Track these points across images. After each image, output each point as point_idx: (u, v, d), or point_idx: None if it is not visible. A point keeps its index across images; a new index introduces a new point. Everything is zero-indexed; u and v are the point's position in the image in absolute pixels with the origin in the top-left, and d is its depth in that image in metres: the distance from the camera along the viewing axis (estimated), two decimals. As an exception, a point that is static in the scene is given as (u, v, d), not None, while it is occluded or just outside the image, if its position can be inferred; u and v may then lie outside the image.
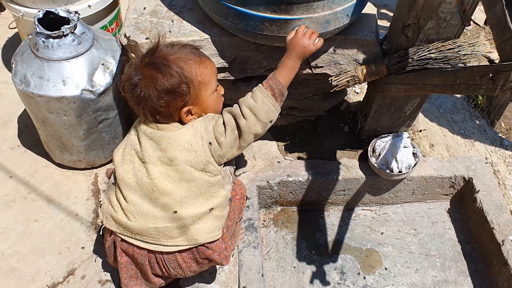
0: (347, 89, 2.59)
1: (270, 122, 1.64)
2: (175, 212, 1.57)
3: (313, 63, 1.98)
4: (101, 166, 2.33)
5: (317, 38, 1.72)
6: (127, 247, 1.65)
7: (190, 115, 1.61)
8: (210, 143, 1.58)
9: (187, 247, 1.62)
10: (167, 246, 1.61)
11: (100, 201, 2.20)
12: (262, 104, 1.60)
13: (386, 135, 2.34)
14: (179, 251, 1.63)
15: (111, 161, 2.31)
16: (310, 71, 2.00)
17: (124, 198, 1.62)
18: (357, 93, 2.64)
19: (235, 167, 2.00)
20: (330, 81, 1.98)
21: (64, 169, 2.32)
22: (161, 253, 1.63)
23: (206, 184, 1.60)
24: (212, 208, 1.62)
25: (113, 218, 1.64)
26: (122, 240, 1.65)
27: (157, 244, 1.61)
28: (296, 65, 1.70)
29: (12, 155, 2.36)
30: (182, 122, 1.62)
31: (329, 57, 1.98)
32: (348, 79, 1.97)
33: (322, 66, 2.00)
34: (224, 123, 1.62)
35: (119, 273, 1.73)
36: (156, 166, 1.58)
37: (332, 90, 1.99)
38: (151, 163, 1.58)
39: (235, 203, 1.82)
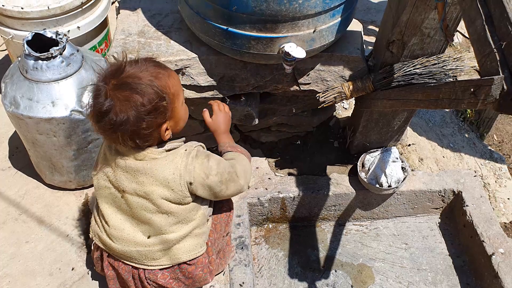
0: (336, 104, 2.61)
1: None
2: (156, 236, 1.57)
3: (300, 80, 2.00)
4: (91, 186, 2.33)
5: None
6: (112, 261, 1.66)
7: (166, 130, 1.50)
8: (190, 183, 1.51)
9: (170, 265, 1.62)
10: (151, 265, 1.61)
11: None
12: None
13: (375, 150, 2.35)
14: (161, 269, 1.63)
15: (101, 181, 2.32)
16: (297, 88, 2.03)
17: (106, 222, 1.60)
18: (346, 108, 2.66)
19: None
20: (317, 98, 2.00)
21: (55, 189, 2.32)
22: (144, 270, 1.63)
23: (184, 211, 1.56)
24: (193, 229, 1.62)
25: (99, 237, 1.65)
26: (109, 255, 1.66)
27: (140, 264, 1.62)
28: (230, 136, 1.73)
29: (3, 177, 2.36)
30: (159, 143, 1.52)
31: (316, 74, 2.00)
32: (335, 95, 1.99)
33: (309, 83, 2.02)
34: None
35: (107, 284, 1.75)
36: (133, 196, 1.52)
37: (320, 106, 2.01)
38: (128, 193, 1.53)
39: (222, 215, 1.79)
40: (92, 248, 1.77)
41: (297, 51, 1.70)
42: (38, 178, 2.34)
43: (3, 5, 2.17)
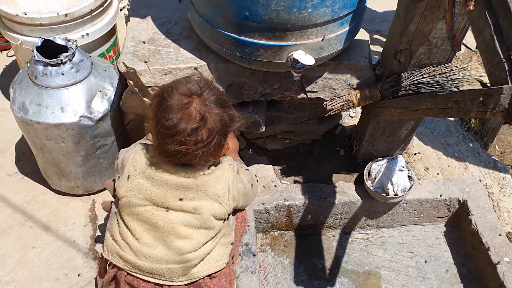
0: (342, 113, 2.62)
1: None
2: (192, 252, 1.56)
3: (307, 88, 2.01)
4: (98, 192, 2.34)
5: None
6: (132, 280, 1.61)
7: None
8: (234, 195, 1.59)
9: (197, 279, 1.60)
10: (179, 281, 1.59)
11: (102, 235, 2.21)
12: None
13: (381, 158, 2.36)
14: (186, 284, 1.60)
15: (108, 187, 2.33)
16: (304, 95, 2.04)
17: (136, 240, 1.56)
18: (352, 117, 2.67)
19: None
20: (324, 106, 2.01)
21: (62, 195, 2.33)
22: (169, 286, 1.60)
23: (222, 226, 1.62)
24: (220, 238, 1.63)
25: (120, 256, 1.59)
26: (128, 274, 1.61)
27: (168, 281, 1.58)
28: (237, 155, 1.85)
29: (10, 182, 2.37)
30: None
31: (323, 82, 2.01)
32: (343, 103, 2.00)
33: (317, 91, 2.03)
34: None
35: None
36: (176, 212, 1.53)
37: (327, 114, 2.02)
38: (171, 209, 1.53)
39: (237, 226, 1.81)
40: (106, 267, 1.67)
41: (306, 59, 1.71)
42: (45, 183, 2.35)
43: (12, 11, 2.18)
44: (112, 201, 1.82)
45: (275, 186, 2.36)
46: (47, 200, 2.31)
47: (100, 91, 2.05)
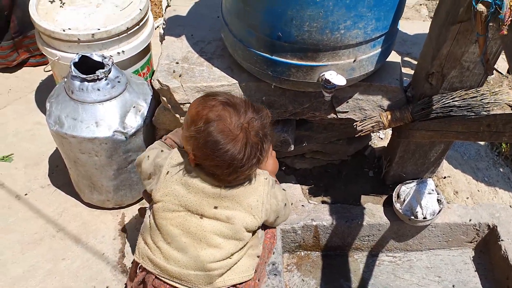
0: (372, 134, 2.62)
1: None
2: (220, 261, 1.58)
3: (338, 108, 2.02)
4: (128, 206, 2.37)
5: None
6: (159, 284, 1.62)
7: None
8: (267, 209, 1.61)
9: None
10: None
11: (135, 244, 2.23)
12: None
13: (410, 181, 2.35)
14: None
15: (138, 201, 2.36)
16: (335, 116, 2.05)
17: (168, 244, 1.58)
18: (381, 138, 2.67)
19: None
20: (355, 126, 2.02)
21: (92, 208, 2.37)
22: None
23: (252, 238, 1.64)
24: (248, 249, 1.64)
25: (150, 259, 1.62)
26: (156, 278, 1.63)
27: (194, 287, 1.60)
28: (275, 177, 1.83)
29: (42, 194, 2.42)
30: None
31: (354, 103, 2.02)
32: (373, 124, 2.00)
33: (347, 112, 2.04)
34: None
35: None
36: (210, 220, 1.56)
37: (357, 135, 2.02)
38: (207, 217, 1.56)
39: (266, 241, 1.81)
40: (136, 271, 1.71)
41: (338, 79, 1.73)
42: (76, 196, 2.40)
43: (51, 28, 2.25)
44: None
45: (302, 205, 2.36)
46: (78, 212, 2.36)
47: (134, 107, 2.09)
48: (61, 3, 2.42)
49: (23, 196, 2.40)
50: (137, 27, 2.41)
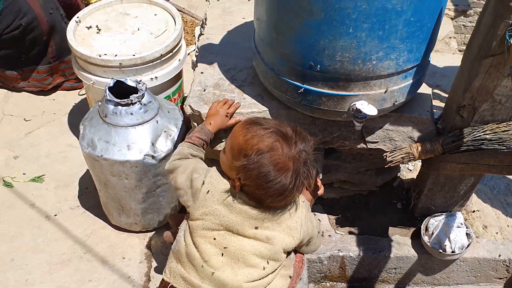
0: (400, 165, 2.60)
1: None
2: (255, 281, 1.58)
3: (368, 138, 2.02)
4: (155, 230, 2.39)
5: None
6: None
7: None
8: (304, 231, 1.63)
9: None
10: None
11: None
12: None
13: (439, 213, 2.32)
14: None
15: (165, 225, 2.37)
16: (364, 145, 2.04)
17: (205, 261, 1.58)
18: (410, 170, 2.65)
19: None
20: (384, 157, 2.01)
21: (120, 231, 2.39)
22: None
23: (286, 259, 1.65)
24: (280, 269, 1.65)
25: (183, 278, 1.61)
26: None
27: None
28: None
29: (72, 215, 2.45)
30: None
31: (384, 133, 2.02)
32: (403, 155, 1.99)
33: (377, 142, 2.04)
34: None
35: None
36: (249, 240, 1.57)
37: (387, 166, 2.01)
38: (247, 237, 1.57)
39: (295, 265, 1.80)
40: None
41: (369, 109, 1.73)
42: (104, 218, 2.43)
43: (87, 53, 2.31)
44: (172, 232, 1.88)
45: (329, 236, 2.34)
46: (105, 234, 2.38)
47: (164, 132, 2.13)
48: (97, 29, 2.49)
49: (53, 217, 2.44)
50: (170, 54, 2.46)
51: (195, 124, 2.05)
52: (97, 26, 2.51)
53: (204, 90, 2.07)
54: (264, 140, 1.49)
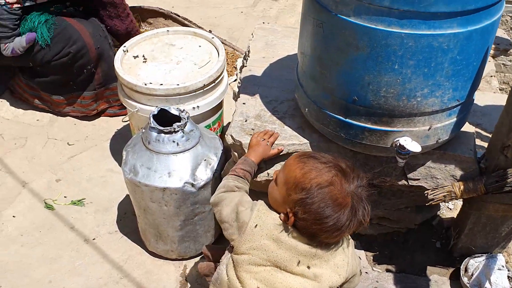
0: (441, 203, 2.56)
1: None
2: None
3: (409, 175, 2.01)
4: (190, 258, 2.39)
5: None
6: None
7: None
8: (351, 269, 1.61)
9: None
10: None
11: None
12: None
13: (479, 255, 2.27)
14: None
15: (200, 254, 2.38)
16: (406, 182, 2.03)
17: None
18: (450, 209, 2.61)
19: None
20: (426, 195, 1.99)
21: (156, 257, 2.40)
22: None
23: None
24: None
25: None
26: None
27: None
28: None
29: (110, 240, 2.48)
30: None
31: (426, 171, 2.00)
32: (445, 194, 1.97)
33: (419, 179, 2.02)
34: None
35: None
36: (296, 276, 1.55)
37: (428, 204, 1.99)
38: (292, 273, 1.55)
39: None
40: None
41: (412, 145, 1.73)
42: (141, 244, 2.44)
43: (134, 81, 2.37)
44: (207, 263, 1.88)
45: (366, 273, 2.31)
46: (142, 260, 2.40)
47: (204, 160, 2.15)
48: (144, 59, 2.56)
49: (91, 240, 2.47)
50: (213, 84, 2.50)
51: (236, 154, 2.07)
52: (143, 56, 2.57)
53: (246, 121, 2.09)
54: (323, 174, 1.48)
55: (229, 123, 2.15)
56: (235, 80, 3.48)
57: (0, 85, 3.37)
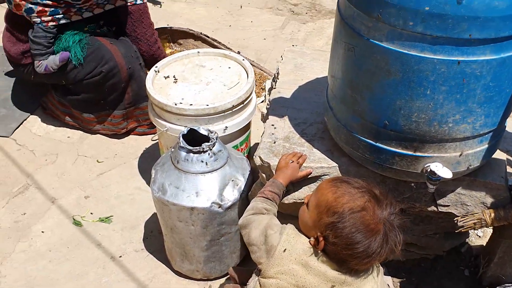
0: (469, 231, 2.53)
1: None
2: None
3: (439, 201, 1.99)
4: (215, 279, 2.39)
5: None
6: None
7: None
8: None
9: None
10: None
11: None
12: None
13: (510, 284, 2.22)
14: None
15: (225, 274, 2.38)
16: (435, 208, 2.01)
17: None
18: (480, 236, 2.56)
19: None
20: (455, 221, 1.96)
21: (181, 277, 2.40)
22: None
23: None
24: None
25: None
26: None
27: None
28: None
29: (136, 258, 2.49)
30: None
31: (456, 197, 1.98)
32: (475, 221, 1.94)
33: (448, 205, 2.00)
34: None
35: None
36: None
37: (457, 231, 1.96)
38: None
39: None
40: None
41: (443, 171, 1.71)
42: (167, 263, 2.45)
43: (164, 101, 2.40)
44: (233, 285, 1.88)
45: (392, 298, 2.28)
46: (167, 280, 2.40)
47: (232, 181, 2.16)
48: (174, 79, 2.59)
49: (117, 258, 2.49)
50: (242, 105, 2.52)
51: (263, 175, 2.07)
52: (174, 76, 2.61)
53: (274, 142, 2.10)
54: (356, 199, 1.47)
55: (256, 144, 2.16)
56: (263, 101, 3.51)
57: (32, 101, 3.45)
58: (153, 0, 4.75)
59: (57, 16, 2.86)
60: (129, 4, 3.04)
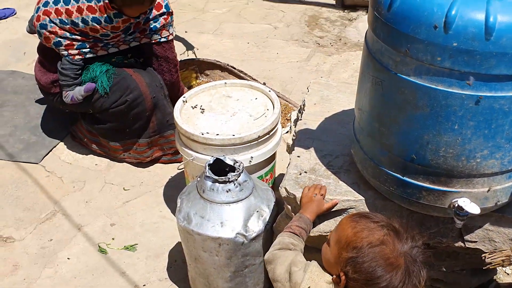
0: (497, 268, 2.48)
1: None
2: None
3: (466, 237, 1.96)
4: (238, 311, 2.38)
5: None
6: None
7: None
8: None
9: None
10: None
11: None
12: None
13: (539, 324, 2.17)
14: None
15: (248, 306, 2.36)
16: (462, 244, 1.98)
17: None
18: (508, 273, 2.51)
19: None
20: (483, 258, 1.93)
21: (204, 307, 2.39)
22: None
23: None
24: None
25: None
26: None
27: None
28: None
29: (159, 287, 2.50)
30: None
31: (484, 233, 1.95)
32: (503, 258, 1.91)
33: (476, 241, 1.97)
34: None
35: None
36: None
37: (485, 268, 1.93)
38: None
39: None
40: None
41: (471, 207, 1.69)
42: (192, 293, 2.45)
43: (191, 131, 2.44)
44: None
45: (418, 335, 2.23)
46: (190, 309, 2.40)
47: (257, 212, 2.16)
48: (201, 109, 2.63)
49: (141, 287, 2.50)
50: (267, 136, 2.53)
51: (289, 207, 2.08)
52: (201, 106, 2.65)
53: (300, 174, 2.11)
54: (374, 233, 1.47)
55: (281, 174, 2.17)
56: (288, 132, 3.52)
57: (62, 129, 3.53)
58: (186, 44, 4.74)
59: (83, 50, 2.95)
60: (153, 42, 3.11)
